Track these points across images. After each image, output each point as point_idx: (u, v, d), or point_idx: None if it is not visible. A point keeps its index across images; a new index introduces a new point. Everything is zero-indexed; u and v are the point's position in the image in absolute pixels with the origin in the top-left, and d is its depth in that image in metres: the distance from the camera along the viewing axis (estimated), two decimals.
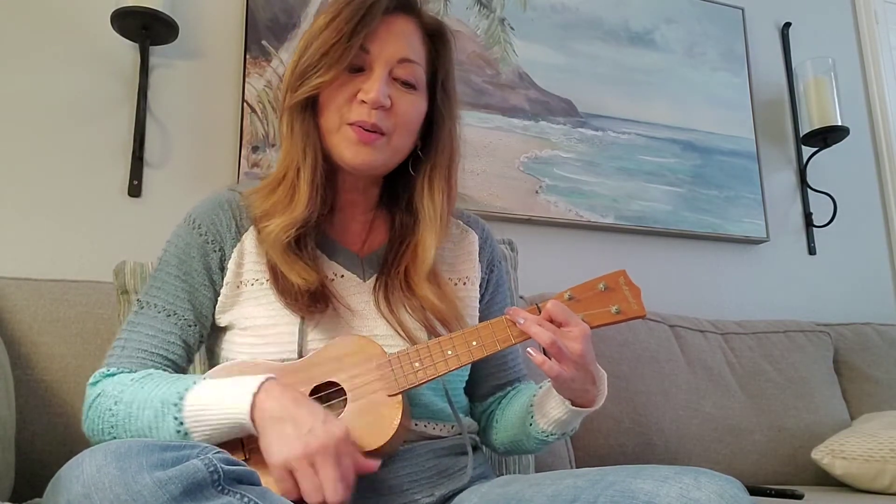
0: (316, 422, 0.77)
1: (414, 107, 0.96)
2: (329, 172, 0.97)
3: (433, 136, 1.00)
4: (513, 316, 0.88)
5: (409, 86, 0.95)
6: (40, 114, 1.56)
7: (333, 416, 0.80)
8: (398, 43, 0.94)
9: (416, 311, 0.94)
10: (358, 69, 0.93)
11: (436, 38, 1.00)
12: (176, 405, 0.81)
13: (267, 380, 0.81)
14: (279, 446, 0.76)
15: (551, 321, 0.88)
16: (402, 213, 1.02)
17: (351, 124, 0.92)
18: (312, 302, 0.91)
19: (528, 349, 0.86)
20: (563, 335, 0.86)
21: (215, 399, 0.80)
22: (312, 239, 0.95)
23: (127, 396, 0.84)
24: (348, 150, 0.93)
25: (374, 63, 0.93)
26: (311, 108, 0.95)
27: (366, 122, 0.92)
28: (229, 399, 0.80)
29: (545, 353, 0.86)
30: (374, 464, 0.81)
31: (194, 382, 0.83)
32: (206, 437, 0.80)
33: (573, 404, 0.91)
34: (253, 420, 0.78)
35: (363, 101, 0.91)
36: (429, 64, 0.99)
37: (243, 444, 0.84)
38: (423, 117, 0.99)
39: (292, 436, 0.76)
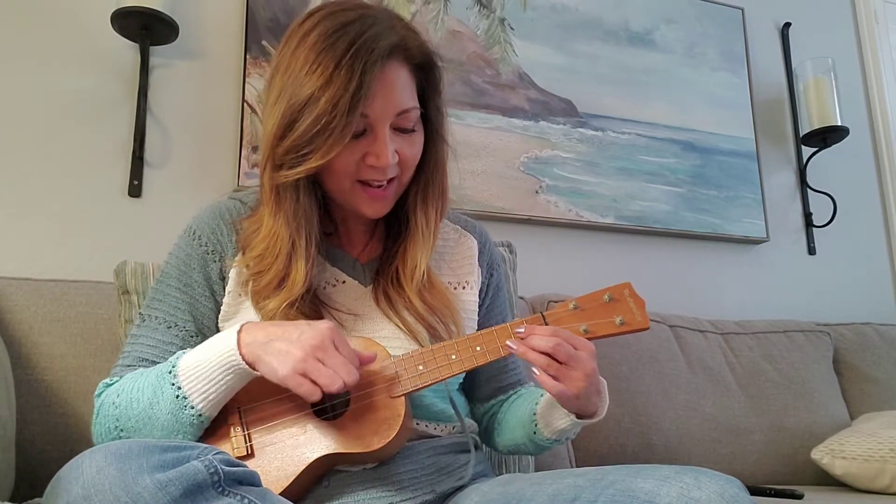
0: (301, 327, 0.80)
1: (417, 147, 0.94)
2: (333, 203, 0.98)
3: (428, 155, 0.97)
4: (499, 332, 0.88)
5: (408, 131, 0.92)
6: (40, 114, 1.56)
7: (314, 321, 0.82)
8: (394, 97, 0.89)
9: (413, 312, 0.95)
10: (360, 133, 0.88)
11: (424, 67, 0.94)
12: (170, 373, 0.83)
13: (245, 323, 0.83)
14: (281, 361, 0.78)
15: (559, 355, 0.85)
16: (399, 219, 1.01)
17: (363, 182, 0.92)
18: None
19: (533, 368, 0.86)
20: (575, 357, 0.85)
21: (203, 356, 0.82)
22: (312, 292, 0.93)
23: (126, 387, 0.86)
24: (365, 206, 0.94)
25: (375, 125, 0.88)
26: (303, 179, 0.90)
27: (379, 178, 0.91)
28: (215, 349, 0.82)
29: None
30: (370, 355, 0.85)
31: (183, 352, 0.85)
32: (203, 395, 0.81)
33: (577, 416, 0.92)
34: (243, 357, 0.80)
35: (373, 166, 0.89)
36: (420, 95, 0.95)
37: (246, 438, 0.84)
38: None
39: (288, 347, 0.79)
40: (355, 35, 0.85)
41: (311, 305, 0.92)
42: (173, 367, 0.83)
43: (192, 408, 0.81)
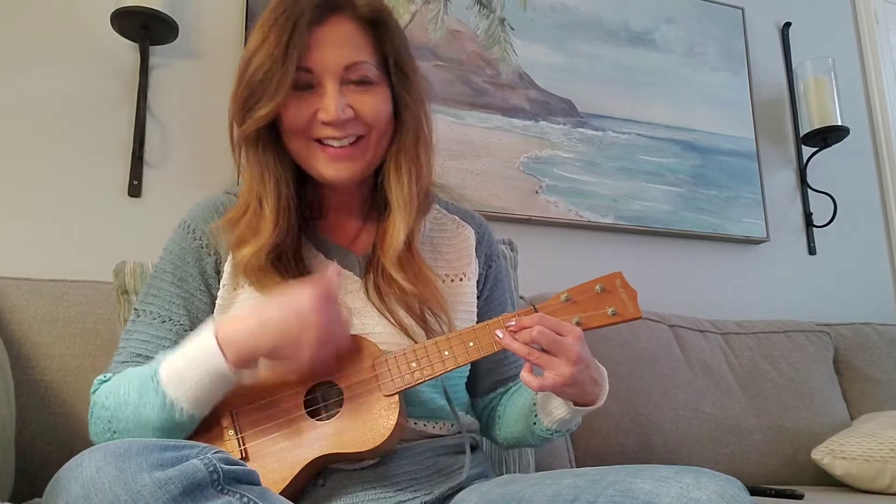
0: (283, 311, 0.80)
1: (378, 101, 0.93)
2: (311, 183, 0.97)
3: (397, 119, 0.97)
4: (492, 326, 0.87)
5: (365, 84, 0.92)
6: (40, 114, 1.56)
7: (282, 297, 0.82)
8: (338, 51, 0.90)
9: (399, 300, 0.93)
10: (306, 86, 0.90)
11: (376, 24, 0.94)
12: (152, 378, 0.82)
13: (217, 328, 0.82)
14: (295, 352, 0.80)
15: (542, 341, 0.85)
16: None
17: (320, 141, 0.92)
18: None
19: (521, 374, 0.86)
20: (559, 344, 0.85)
21: (184, 362, 0.81)
22: (292, 255, 0.94)
23: (115, 390, 0.86)
24: (327, 168, 0.93)
25: (320, 78, 0.90)
26: (264, 135, 0.93)
27: (335, 135, 0.91)
28: (198, 356, 0.81)
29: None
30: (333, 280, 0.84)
31: (164, 357, 0.84)
32: (193, 399, 0.81)
33: (575, 404, 0.91)
34: (229, 359, 0.79)
35: (324, 122, 0.90)
36: (377, 53, 0.94)
37: (240, 441, 0.84)
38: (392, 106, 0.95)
39: (290, 336, 0.79)
40: None
41: (297, 269, 0.92)
42: (155, 373, 0.82)
43: (182, 409, 0.81)
